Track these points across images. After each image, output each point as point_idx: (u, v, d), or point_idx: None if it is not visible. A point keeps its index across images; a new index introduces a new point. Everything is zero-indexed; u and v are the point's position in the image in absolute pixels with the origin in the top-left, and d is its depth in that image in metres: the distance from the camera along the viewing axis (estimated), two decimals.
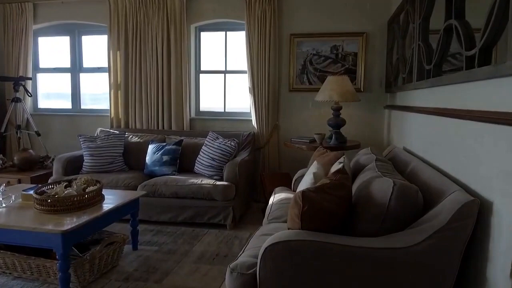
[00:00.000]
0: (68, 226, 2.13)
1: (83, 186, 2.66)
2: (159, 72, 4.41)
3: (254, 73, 4.22)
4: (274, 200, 2.88)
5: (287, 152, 4.30)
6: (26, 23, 4.66)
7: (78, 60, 4.89)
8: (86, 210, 2.45)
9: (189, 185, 3.42)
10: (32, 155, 4.23)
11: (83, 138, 3.98)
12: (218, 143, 3.73)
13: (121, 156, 4.04)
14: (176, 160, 3.87)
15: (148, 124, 4.54)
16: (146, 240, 3.14)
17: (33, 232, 2.13)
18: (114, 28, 4.47)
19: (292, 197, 1.75)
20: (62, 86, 5.02)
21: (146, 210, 3.48)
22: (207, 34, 4.61)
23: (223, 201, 3.37)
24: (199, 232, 3.34)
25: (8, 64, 4.75)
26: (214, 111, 4.65)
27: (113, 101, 4.60)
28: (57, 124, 4.88)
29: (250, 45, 4.20)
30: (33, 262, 2.33)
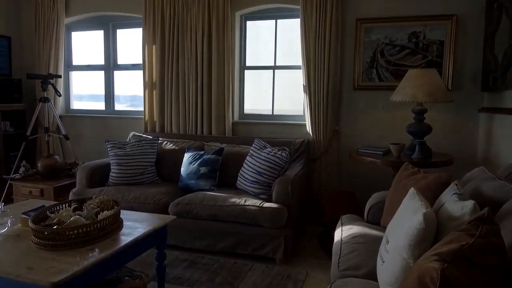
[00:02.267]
0: (62, 275, 1.52)
1: (96, 210, 2.06)
2: (199, 69, 3.79)
3: (310, 69, 3.48)
4: (343, 235, 2.13)
5: (350, 165, 3.51)
6: (57, 15, 4.25)
7: (112, 57, 4.42)
8: (96, 244, 1.84)
9: (229, 206, 2.75)
10: (58, 161, 3.78)
11: (110, 144, 3.46)
12: (265, 153, 3.03)
13: (153, 166, 3.47)
14: (215, 172, 3.23)
15: (185, 129, 3.94)
16: (176, 276, 2.50)
17: (16, 281, 1.55)
18: (149, 19, 3.93)
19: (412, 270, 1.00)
20: (95, 85, 4.57)
21: (178, 233, 2.87)
22: (254, 23, 3.93)
23: (272, 228, 2.67)
24: (241, 266, 2.66)
25: (39, 61, 4.37)
26: (260, 114, 3.96)
27: (148, 102, 4.06)
28: (89, 127, 4.44)
29: (306, 34, 3.47)
30: None
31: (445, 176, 1.83)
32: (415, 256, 1.34)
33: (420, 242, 1.33)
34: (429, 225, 1.33)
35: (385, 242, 1.57)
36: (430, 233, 1.35)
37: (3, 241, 1.89)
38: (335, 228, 2.41)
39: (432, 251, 1.05)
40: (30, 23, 4.49)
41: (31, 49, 4.51)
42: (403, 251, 1.38)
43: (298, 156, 3.36)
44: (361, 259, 1.79)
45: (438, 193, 1.77)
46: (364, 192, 3.34)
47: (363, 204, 3.08)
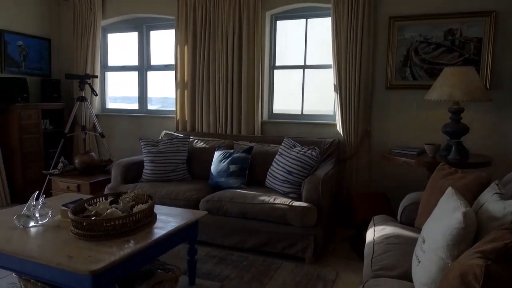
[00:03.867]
0: (100, 264, 1.58)
1: (131, 203, 2.13)
2: (229, 68, 3.84)
3: (341, 68, 3.44)
4: (376, 235, 2.09)
5: (382, 165, 3.44)
6: (94, 18, 4.42)
7: (145, 58, 4.55)
8: (132, 236, 1.90)
9: (259, 204, 2.76)
10: (94, 158, 3.93)
11: (144, 141, 3.55)
12: (295, 152, 3.02)
13: (184, 164, 3.54)
14: (244, 170, 3.25)
15: (215, 128, 4.00)
16: (206, 271, 2.54)
17: (57, 268, 1.62)
18: (181, 20, 4.01)
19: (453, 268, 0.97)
20: (129, 85, 4.72)
21: (209, 230, 2.91)
22: (284, 22, 3.93)
23: (302, 228, 2.65)
24: (270, 264, 2.66)
25: (77, 62, 4.56)
26: (289, 113, 3.95)
27: (179, 102, 4.14)
28: (123, 126, 4.58)
29: (337, 33, 3.43)
30: None
31: (484, 176, 1.76)
32: (453, 256, 1.30)
33: (459, 242, 1.29)
34: (469, 225, 1.29)
35: (421, 242, 1.53)
36: (470, 233, 1.30)
37: (45, 231, 1.99)
38: (367, 229, 2.37)
39: (474, 249, 1.02)
40: (68, 25, 4.69)
41: (69, 51, 4.71)
42: (440, 251, 1.34)
43: (328, 156, 3.32)
44: (395, 260, 1.75)
45: (477, 194, 1.71)
46: (395, 193, 3.28)
47: (394, 205, 3.02)
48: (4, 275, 2.45)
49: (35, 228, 2.02)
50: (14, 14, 4.26)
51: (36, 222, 2.06)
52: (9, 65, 4.22)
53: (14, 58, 4.27)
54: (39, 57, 4.56)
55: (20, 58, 4.34)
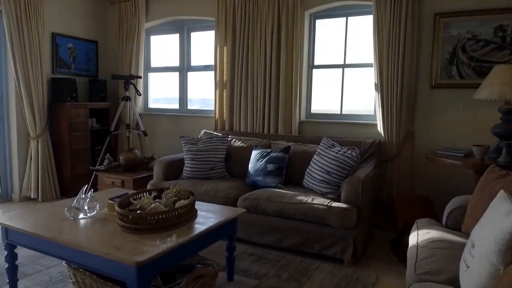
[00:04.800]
0: (145, 256, 1.64)
1: (173, 199, 2.20)
2: (267, 68, 3.86)
3: (383, 67, 3.36)
4: (420, 239, 2.02)
5: (425, 167, 3.32)
6: (138, 21, 4.60)
7: (186, 59, 4.67)
8: (174, 230, 1.96)
9: (296, 204, 2.75)
10: (137, 155, 4.09)
11: (185, 140, 3.65)
12: (334, 152, 2.98)
13: (222, 162, 3.60)
14: (282, 170, 3.25)
15: (253, 127, 4.03)
16: (244, 268, 2.56)
17: (104, 258, 1.70)
18: (221, 21, 4.09)
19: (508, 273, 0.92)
20: (170, 85, 4.86)
21: (246, 228, 2.94)
22: (323, 21, 3.89)
23: (341, 229, 2.61)
24: (308, 264, 2.64)
25: (122, 63, 4.76)
26: (328, 113, 3.90)
27: (218, 101, 4.21)
28: (164, 125, 4.73)
29: (379, 31, 3.35)
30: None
31: None
32: (505, 262, 1.24)
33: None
34: None
35: (470, 247, 1.46)
36: None
37: (93, 223, 2.09)
38: (408, 232, 2.30)
39: None
40: (114, 28, 4.92)
41: (115, 52, 4.93)
42: (492, 257, 1.27)
43: (368, 157, 3.26)
44: (440, 264, 1.68)
45: None
46: (439, 196, 3.16)
47: (438, 208, 2.90)
48: (55, 264, 2.61)
49: (84, 220, 2.13)
50: (65, 19, 4.52)
51: (85, 214, 2.17)
52: (60, 66, 4.49)
53: (64, 59, 4.53)
54: (87, 59, 4.80)
55: (70, 60, 4.59)
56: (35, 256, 2.71)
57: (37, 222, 2.08)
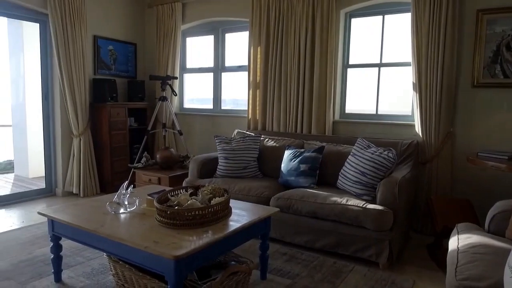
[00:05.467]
0: (183, 251, 1.69)
1: (209, 196, 2.24)
2: (301, 68, 3.85)
3: (421, 65, 3.26)
4: (460, 244, 1.94)
5: (466, 170, 3.19)
6: (175, 23, 4.72)
7: (220, 59, 4.74)
8: (209, 227, 2.01)
9: (330, 205, 2.72)
10: (173, 154, 4.19)
11: (219, 139, 3.71)
12: (370, 153, 2.92)
13: (255, 161, 3.63)
14: (315, 170, 3.23)
15: (285, 127, 4.03)
16: (277, 267, 2.57)
17: (143, 251, 1.77)
18: (255, 22, 4.12)
19: None
20: (205, 86, 4.96)
21: (278, 227, 2.95)
22: (359, 20, 3.83)
23: (376, 231, 2.56)
24: (342, 266, 2.61)
25: (159, 64, 4.91)
26: (363, 113, 3.84)
27: (251, 101, 4.25)
28: (198, 124, 4.83)
29: (418, 29, 3.26)
30: (148, 282, 2.00)
31: None
32: None
33: None
34: None
35: None
36: None
37: (132, 217, 2.18)
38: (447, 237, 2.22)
39: None
40: (152, 31, 5.07)
41: (152, 54, 5.09)
42: None
43: (405, 158, 3.17)
44: (483, 270, 1.62)
45: None
46: (481, 200, 3.03)
47: (480, 213, 2.78)
48: (96, 256, 2.73)
49: (124, 214, 2.22)
50: (106, 22, 4.72)
51: (125, 209, 2.26)
52: (101, 67, 4.69)
53: (105, 61, 4.73)
54: (126, 60, 4.99)
55: (110, 61, 4.79)
56: (78, 248, 2.85)
57: (81, 216, 2.19)
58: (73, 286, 2.30)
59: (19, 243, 2.98)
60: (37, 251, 2.81)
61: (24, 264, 2.60)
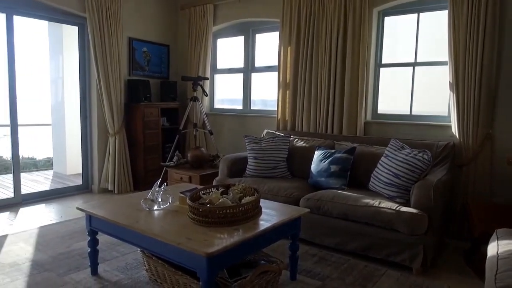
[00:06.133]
0: (215, 248, 1.71)
1: (239, 195, 2.26)
2: (332, 68, 3.80)
3: (459, 64, 3.14)
4: (500, 250, 1.86)
5: (507, 173, 3.05)
6: (206, 24, 4.80)
7: (250, 60, 4.77)
8: (240, 225, 2.02)
9: (362, 207, 2.67)
10: (203, 153, 4.26)
11: (248, 139, 3.73)
12: (404, 154, 2.85)
13: (284, 161, 3.62)
14: (346, 171, 3.18)
15: (315, 127, 4.00)
16: (307, 269, 2.56)
17: (176, 247, 1.81)
18: (286, 22, 4.12)
19: None
20: (234, 86, 5.00)
21: (308, 228, 2.93)
22: (393, 18, 3.74)
23: (410, 235, 2.49)
24: (373, 270, 2.56)
25: (191, 65, 5.00)
26: (396, 113, 3.74)
27: (281, 102, 4.25)
28: (228, 124, 4.88)
29: (455, 26, 3.14)
30: (180, 278, 2.04)
31: None
32: None
33: None
34: None
35: None
36: None
37: (166, 214, 2.23)
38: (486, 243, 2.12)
39: None
40: (184, 32, 5.18)
41: (184, 55, 5.20)
42: None
43: (440, 160, 3.07)
44: None
45: None
46: None
47: None
48: (130, 251, 2.82)
49: (158, 211, 2.28)
50: (141, 24, 4.86)
51: (158, 206, 2.32)
52: (136, 68, 4.83)
53: (139, 62, 4.87)
54: (159, 61, 5.12)
55: (144, 63, 4.93)
56: (112, 243, 2.95)
57: (117, 211, 2.27)
58: (108, 279, 2.39)
59: (58, 236, 3.12)
60: (74, 245, 2.94)
61: (62, 256, 2.72)
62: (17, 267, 2.54)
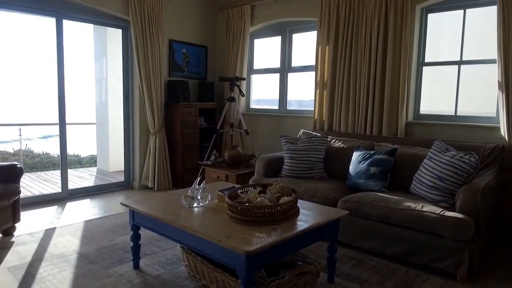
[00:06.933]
0: (254, 246, 1.72)
1: (277, 195, 2.26)
2: (371, 67, 3.72)
3: (508, 62, 2.98)
4: None
5: None
6: (244, 25, 4.84)
7: (287, 60, 4.76)
8: (278, 225, 2.02)
9: (404, 210, 2.59)
10: (240, 153, 4.30)
11: (285, 139, 3.73)
12: (449, 157, 2.73)
13: (321, 162, 3.58)
14: (386, 173, 3.10)
15: (354, 128, 3.93)
16: (345, 272, 2.51)
17: (216, 245, 1.84)
18: (324, 21, 4.07)
19: None
20: (271, 86, 5.01)
21: (346, 230, 2.88)
22: (437, 15, 3.60)
23: (455, 241, 2.38)
24: (415, 276, 2.47)
25: (228, 66, 5.06)
26: (439, 114, 3.59)
27: (318, 101, 4.20)
28: (264, 124, 4.90)
29: (505, 22, 2.97)
30: (218, 275, 2.07)
31: None
32: None
33: None
34: None
35: None
36: None
37: (205, 211, 2.27)
38: None
39: None
40: (222, 33, 5.25)
41: (222, 56, 5.27)
42: None
43: (488, 163, 2.91)
44: None
45: None
46: None
47: None
48: (169, 247, 2.90)
49: (197, 208, 2.33)
50: (180, 26, 4.98)
51: (198, 203, 2.37)
52: (175, 70, 4.96)
53: (179, 63, 5.00)
54: (197, 63, 5.22)
55: (183, 64, 5.05)
56: (153, 238, 3.05)
57: (158, 208, 2.34)
58: (149, 273, 2.47)
59: (102, 230, 3.26)
60: (117, 239, 3.06)
61: (106, 250, 2.84)
62: (65, 258, 2.68)
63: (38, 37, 8.58)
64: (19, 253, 2.74)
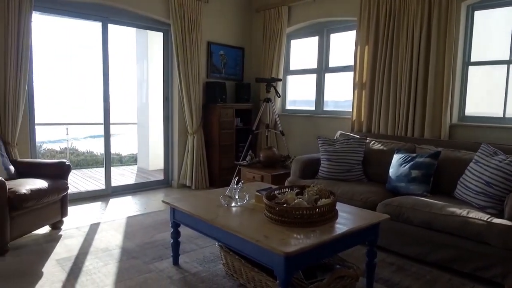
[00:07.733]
0: (293, 248, 1.72)
1: (315, 196, 2.24)
2: (413, 67, 3.60)
3: None
4: None
5: None
6: (281, 26, 4.84)
7: (324, 60, 4.71)
8: (316, 227, 2.01)
9: (447, 216, 2.49)
10: (275, 153, 4.31)
11: (321, 140, 3.69)
12: (497, 161, 2.59)
13: (359, 164, 3.51)
14: (429, 177, 2.99)
15: (394, 130, 3.82)
16: (384, 278, 2.45)
17: (254, 244, 1.85)
18: (363, 21, 3.99)
19: None
20: (307, 87, 4.97)
21: (385, 235, 2.80)
22: (484, 13, 3.42)
23: (504, 249, 2.26)
24: (458, 284, 2.37)
25: (264, 67, 5.08)
26: (486, 116, 3.42)
27: (356, 102, 4.13)
28: (300, 125, 4.87)
29: None
30: (256, 275, 2.09)
31: None
32: None
33: None
34: None
35: None
36: None
37: (243, 211, 2.29)
38: None
39: None
40: (259, 34, 5.28)
41: (258, 57, 5.30)
42: None
43: None
44: None
45: None
46: None
47: None
48: (207, 245, 2.95)
49: (235, 208, 2.36)
50: (218, 28, 5.06)
51: (236, 203, 2.40)
52: (213, 71, 5.05)
53: (216, 65, 5.08)
54: (234, 64, 5.29)
55: (221, 65, 5.13)
56: (191, 236, 3.12)
57: (198, 206, 2.39)
58: (188, 270, 2.53)
59: (143, 227, 3.38)
60: (157, 236, 3.16)
61: (147, 246, 2.94)
62: (109, 252, 2.80)
63: (85, 40, 9.04)
64: (66, 246, 2.90)
